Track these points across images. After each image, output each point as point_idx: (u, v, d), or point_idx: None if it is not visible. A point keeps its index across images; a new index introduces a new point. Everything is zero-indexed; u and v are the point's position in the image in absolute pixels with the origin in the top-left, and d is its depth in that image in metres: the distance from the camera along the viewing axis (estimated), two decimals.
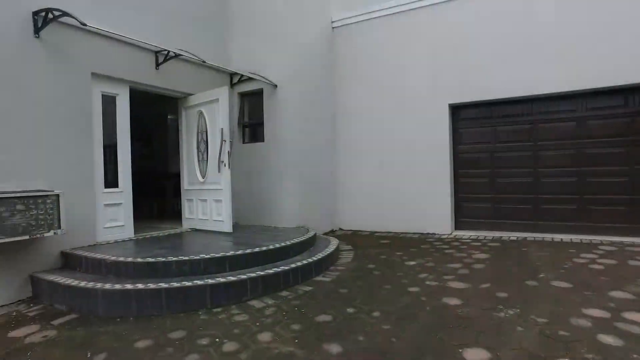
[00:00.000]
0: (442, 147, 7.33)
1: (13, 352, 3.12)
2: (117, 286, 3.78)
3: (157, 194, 9.08)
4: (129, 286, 3.77)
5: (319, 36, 7.85)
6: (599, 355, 2.71)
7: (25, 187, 4.35)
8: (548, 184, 6.76)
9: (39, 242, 4.49)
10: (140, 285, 3.77)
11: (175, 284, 3.79)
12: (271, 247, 4.81)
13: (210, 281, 3.89)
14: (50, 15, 4.53)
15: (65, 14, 4.45)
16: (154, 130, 10.29)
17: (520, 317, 3.38)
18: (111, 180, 5.44)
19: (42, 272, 4.45)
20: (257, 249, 4.66)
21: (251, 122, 7.46)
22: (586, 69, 6.23)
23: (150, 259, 4.17)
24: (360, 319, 3.52)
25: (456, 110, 7.44)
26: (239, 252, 4.50)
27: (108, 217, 5.35)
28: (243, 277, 4.05)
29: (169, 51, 5.77)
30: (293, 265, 4.54)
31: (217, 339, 3.18)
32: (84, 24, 4.44)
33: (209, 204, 6.24)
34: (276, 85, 6.90)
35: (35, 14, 4.52)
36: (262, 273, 4.20)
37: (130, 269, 4.13)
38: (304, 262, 4.72)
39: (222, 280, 3.94)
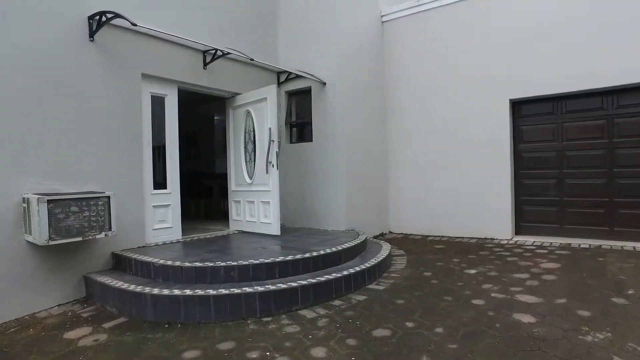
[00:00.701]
0: (501, 145, 6.79)
1: (67, 355, 3.10)
2: (165, 291, 3.68)
3: (204, 194, 9.13)
4: (177, 292, 3.66)
5: (368, 31, 7.54)
6: None
7: (78, 189, 4.39)
8: (626, 185, 6.05)
9: (91, 243, 4.52)
10: (188, 291, 3.65)
11: (224, 291, 3.64)
12: (322, 252, 4.57)
13: (259, 289, 3.70)
14: (103, 18, 4.55)
15: (117, 15, 4.44)
16: (201, 130, 10.39)
17: (614, 343, 2.91)
18: (160, 181, 5.42)
19: (95, 273, 4.47)
20: (307, 255, 4.43)
21: (298, 122, 7.29)
22: None
23: (198, 264, 4.05)
24: (422, 335, 3.19)
25: (517, 105, 6.88)
26: (289, 257, 4.29)
27: (157, 218, 5.34)
28: (294, 284, 3.83)
29: (216, 50, 5.68)
30: (345, 273, 4.27)
31: (268, 353, 2.97)
32: (134, 24, 4.41)
33: (256, 205, 6.11)
34: (325, 83, 6.67)
35: (90, 18, 4.57)
36: (313, 281, 3.97)
37: (178, 274, 4.03)
38: (357, 268, 4.44)
39: (272, 288, 3.74)
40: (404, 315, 3.62)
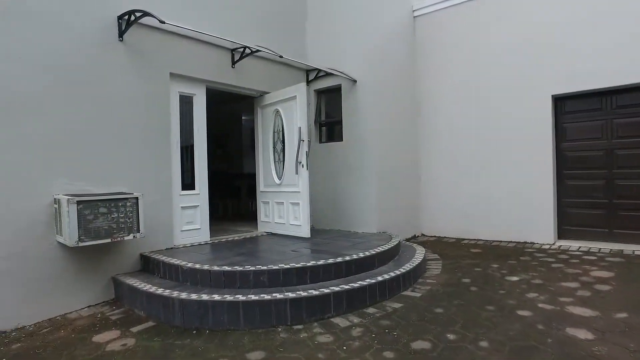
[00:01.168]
0: (543, 144, 6.40)
1: None
2: (194, 296, 3.56)
3: (232, 194, 9.07)
4: (205, 297, 3.53)
5: (399, 27, 7.27)
6: None
7: (108, 190, 4.35)
8: None
9: (119, 245, 4.47)
10: (216, 297, 3.51)
11: (253, 297, 3.49)
12: (355, 256, 4.36)
13: (290, 295, 3.53)
14: (132, 17, 4.51)
15: (146, 13, 4.39)
16: (228, 130, 10.35)
17: None
18: (188, 182, 5.35)
19: (123, 274, 4.43)
20: (339, 259, 4.22)
21: (328, 121, 7.11)
22: None
23: (227, 268, 3.92)
24: (466, 349, 2.94)
25: (560, 101, 6.45)
26: (321, 262, 4.09)
27: (185, 220, 5.26)
28: (326, 291, 3.64)
29: (245, 47, 5.57)
30: (380, 278, 4.04)
31: None
32: (162, 22, 4.34)
33: (285, 206, 5.95)
34: (355, 81, 6.45)
35: (120, 17, 4.53)
36: (346, 287, 3.77)
37: (207, 278, 3.90)
38: (392, 274, 4.21)
39: (303, 294, 3.56)
40: (444, 325, 3.37)
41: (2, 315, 3.66)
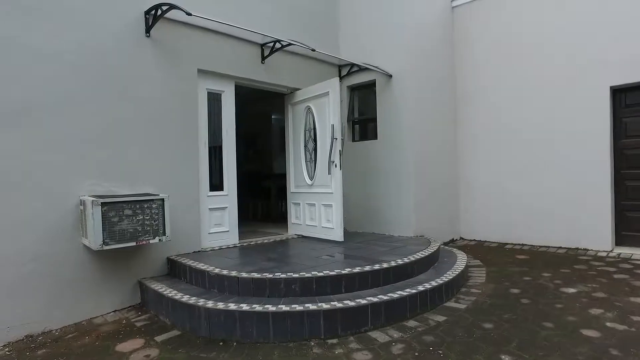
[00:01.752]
0: (598, 140, 5.83)
1: None
2: (220, 305, 3.32)
3: (261, 195, 8.88)
4: (232, 306, 3.27)
5: (436, 18, 6.84)
6: None
7: (134, 191, 4.21)
8: None
9: (146, 248, 4.32)
10: (244, 307, 3.25)
11: (284, 308, 3.21)
12: (393, 264, 4.00)
13: (324, 306, 3.23)
14: (159, 12, 4.35)
15: (172, 6, 4.21)
16: (258, 130, 10.17)
17: None
18: (216, 182, 5.15)
19: (149, 278, 4.27)
20: (377, 266, 3.88)
21: (362, 118, 6.77)
22: None
23: (255, 275, 3.65)
24: None
25: (619, 93, 5.85)
26: (357, 269, 3.76)
27: (213, 222, 5.06)
28: (363, 302, 3.32)
29: (276, 41, 5.32)
30: (421, 288, 3.68)
31: None
32: (189, 14, 4.14)
33: (317, 208, 5.67)
34: (391, 76, 6.09)
35: (147, 12, 4.39)
36: (385, 297, 3.43)
37: (234, 285, 3.65)
38: (433, 283, 3.84)
39: (338, 305, 3.25)
40: (497, 345, 2.98)
41: (31, 318, 3.57)
